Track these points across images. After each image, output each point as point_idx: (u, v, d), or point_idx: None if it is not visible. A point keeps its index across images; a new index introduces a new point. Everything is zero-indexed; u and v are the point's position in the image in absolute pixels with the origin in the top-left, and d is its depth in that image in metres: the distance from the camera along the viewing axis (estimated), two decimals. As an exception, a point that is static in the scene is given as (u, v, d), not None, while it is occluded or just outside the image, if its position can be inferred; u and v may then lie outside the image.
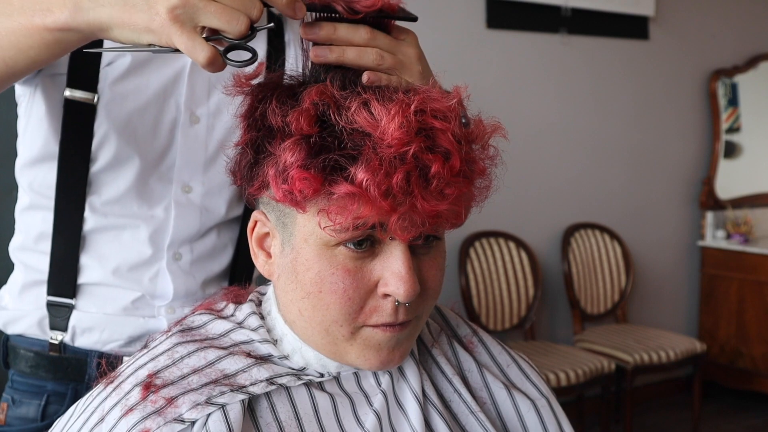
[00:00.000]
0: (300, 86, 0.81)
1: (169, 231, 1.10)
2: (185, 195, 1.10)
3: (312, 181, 0.72)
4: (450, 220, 0.76)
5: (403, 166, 0.71)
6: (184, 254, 1.11)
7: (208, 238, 1.13)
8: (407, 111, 0.73)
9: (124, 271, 1.09)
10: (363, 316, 0.78)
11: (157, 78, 1.06)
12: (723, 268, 4.13)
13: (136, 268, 1.09)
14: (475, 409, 0.86)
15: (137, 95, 1.05)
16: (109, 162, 1.06)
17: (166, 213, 1.09)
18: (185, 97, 1.07)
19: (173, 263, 1.11)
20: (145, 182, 1.08)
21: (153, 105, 1.06)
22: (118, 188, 1.07)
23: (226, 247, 1.15)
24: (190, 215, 1.11)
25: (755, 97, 4.38)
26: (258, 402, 0.79)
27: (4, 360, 1.16)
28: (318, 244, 0.76)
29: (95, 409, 0.79)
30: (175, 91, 1.07)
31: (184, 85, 1.07)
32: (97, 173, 1.06)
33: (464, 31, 3.40)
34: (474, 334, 0.95)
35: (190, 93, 1.08)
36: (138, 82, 1.05)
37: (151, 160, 1.07)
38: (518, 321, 3.48)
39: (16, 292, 1.13)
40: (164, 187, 1.09)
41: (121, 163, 1.06)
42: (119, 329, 1.08)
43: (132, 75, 1.04)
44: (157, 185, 1.09)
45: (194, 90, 1.08)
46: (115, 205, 1.07)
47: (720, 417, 3.91)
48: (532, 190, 3.62)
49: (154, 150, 1.07)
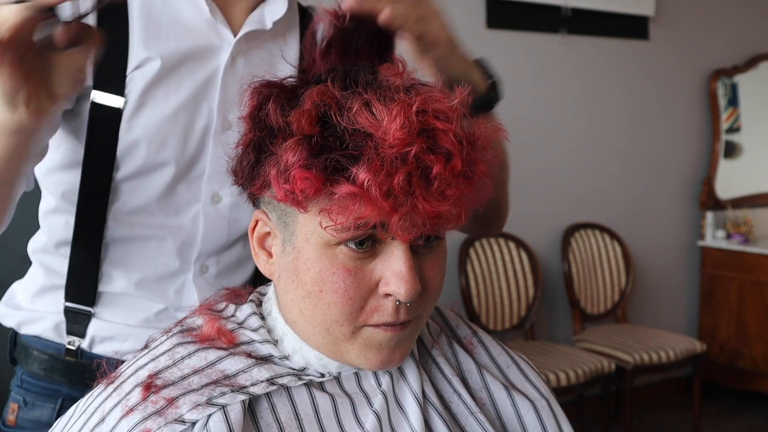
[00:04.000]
0: (301, 87, 0.81)
1: (198, 243, 1.06)
2: (214, 205, 1.06)
3: (313, 180, 0.72)
4: (451, 220, 0.76)
5: (405, 167, 0.71)
6: (210, 266, 1.09)
7: (235, 250, 1.10)
8: (409, 111, 0.73)
9: (150, 282, 1.06)
10: (364, 316, 0.78)
11: (190, 82, 1.02)
12: (723, 268, 4.13)
13: (162, 280, 1.07)
14: (474, 410, 0.86)
15: (168, 100, 1.00)
16: (137, 170, 1.02)
17: (194, 224, 1.06)
18: (219, 101, 1.03)
19: (199, 276, 1.08)
20: (172, 191, 1.04)
21: (184, 110, 1.01)
22: (144, 197, 1.03)
23: (250, 258, 1.11)
24: (219, 226, 1.07)
25: (755, 97, 4.39)
26: (258, 402, 0.79)
27: (11, 356, 1.13)
28: (319, 244, 0.76)
29: (96, 409, 0.79)
30: (207, 95, 1.03)
31: (217, 89, 1.03)
32: (122, 181, 1.02)
33: (464, 31, 3.37)
34: (474, 334, 0.96)
35: (223, 97, 1.03)
36: (169, 86, 1.00)
37: (180, 168, 1.03)
38: (518, 321, 3.48)
39: (32, 293, 1.10)
40: (193, 197, 1.05)
41: (149, 171, 1.02)
42: (141, 341, 1.02)
43: (163, 79, 1.00)
44: (186, 194, 1.05)
45: (227, 94, 1.03)
46: (141, 214, 1.04)
47: (720, 417, 3.91)
48: (532, 190, 3.62)
49: (184, 158, 1.03)
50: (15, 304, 1.13)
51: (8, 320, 1.13)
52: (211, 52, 1.03)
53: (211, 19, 1.02)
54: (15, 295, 1.14)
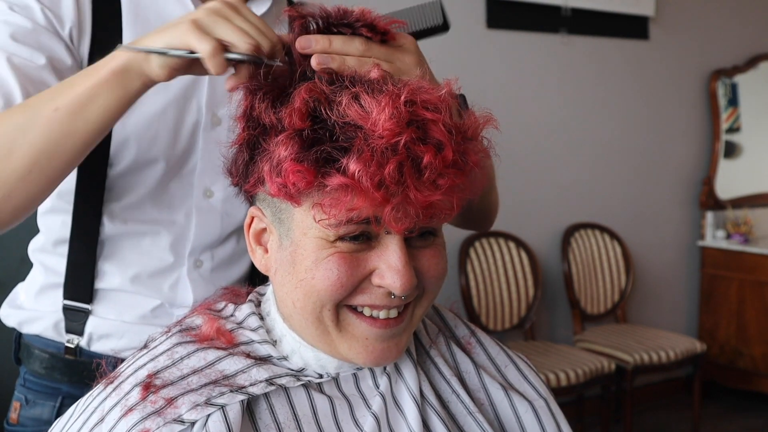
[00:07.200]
0: (290, 86, 0.81)
1: (191, 237, 1.08)
2: (207, 200, 1.08)
3: (305, 173, 0.73)
4: (444, 210, 0.76)
5: (396, 157, 0.72)
6: (205, 261, 1.10)
7: (228, 245, 1.12)
8: (397, 102, 0.73)
9: (144, 278, 1.07)
10: (348, 298, 0.78)
11: (178, 79, 1.02)
12: (723, 268, 4.13)
13: (156, 276, 1.08)
14: (473, 410, 0.86)
15: (157, 97, 1.02)
16: (129, 166, 1.04)
17: (187, 219, 1.08)
18: (207, 97, 1.05)
19: (194, 271, 1.09)
20: (165, 187, 1.06)
21: (174, 107, 1.04)
22: (137, 193, 1.05)
23: (244, 254, 1.13)
24: (212, 221, 1.09)
25: (755, 97, 4.38)
26: (257, 403, 0.80)
27: (15, 356, 1.15)
28: (317, 237, 0.77)
29: (95, 409, 0.80)
30: (196, 92, 1.05)
31: (205, 85, 1.05)
32: (116, 178, 1.04)
33: (464, 31, 3.39)
34: (472, 334, 0.96)
35: (211, 93, 1.06)
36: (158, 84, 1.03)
37: (171, 164, 1.05)
38: (518, 321, 3.48)
39: (33, 292, 1.12)
40: (185, 192, 1.07)
41: (141, 168, 1.04)
42: (137, 337, 1.06)
43: None
44: (178, 190, 1.07)
45: (216, 90, 1.06)
46: (135, 210, 1.06)
47: (720, 417, 3.91)
48: (532, 190, 3.62)
49: (174, 154, 1.05)
50: (18, 304, 1.14)
51: (10, 320, 1.14)
52: None
53: None
54: (18, 296, 1.16)
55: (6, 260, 2.35)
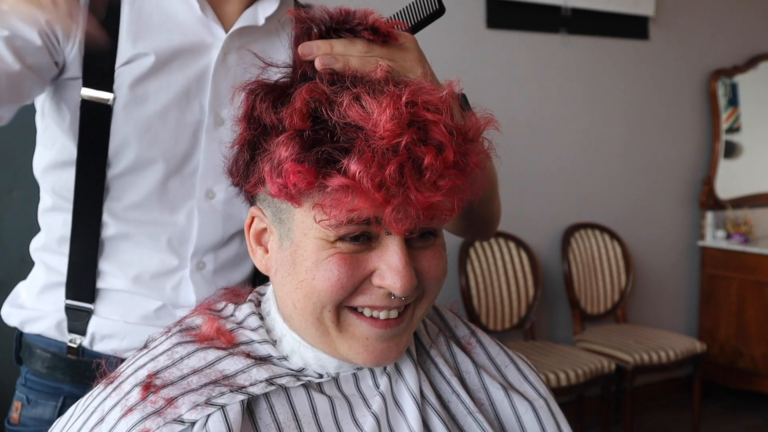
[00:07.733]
0: (291, 86, 0.81)
1: (193, 239, 1.07)
2: (208, 201, 1.07)
3: (306, 174, 0.73)
4: (445, 212, 0.76)
5: (396, 158, 0.72)
6: (207, 263, 1.09)
7: (231, 246, 1.11)
8: (398, 103, 0.73)
9: (146, 279, 1.07)
10: (348, 299, 0.78)
11: (181, 78, 1.03)
12: (723, 268, 4.12)
13: (158, 277, 1.07)
14: (473, 410, 0.86)
15: (159, 96, 1.01)
16: (129, 166, 1.03)
17: (189, 220, 1.07)
18: (210, 98, 1.04)
19: (196, 272, 1.08)
20: (166, 187, 1.05)
21: (175, 106, 1.02)
22: (138, 193, 1.04)
23: (247, 256, 1.11)
24: (214, 222, 1.08)
25: (755, 97, 4.38)
26: (257, 403, 0.80)
27: (16, 355, 1.14)
28: (317, 238, 0.77)
29: (95, 409, 0.80)
30: (199, 92, 1.04)
31: (208, 85, 1.04)
32: (116, 178, 1.04)
33: (464, 31, 3.39)
34: (472, 334, 0.96)
35: (214, 93, 1.04)
36: (160, 83, 1.02)
37: (173, 164, 1.04)
38: (518, 321, 3.48)
39: (35, 291, 1.11)
40: (187, 193, 1.06)
41: (142, 168, 1.03)
42: (140, 338, 1.04)
43: (153, 75, 1.01)
44: (180, 191, 1.06)
45: (219, 90, 1.04)
46: (136, 210, 1.05)
47: (720, 417, 3.91)
48: (532, 190, 3.62)
49: (176, 154, 1.04)
50: (19, 303, 1.14)
51: (12, 319, 1.14)
52: (203, 49, 1.04)
53: (202, 17, 1.03)
54: (19, 295, 1.15)
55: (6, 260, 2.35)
